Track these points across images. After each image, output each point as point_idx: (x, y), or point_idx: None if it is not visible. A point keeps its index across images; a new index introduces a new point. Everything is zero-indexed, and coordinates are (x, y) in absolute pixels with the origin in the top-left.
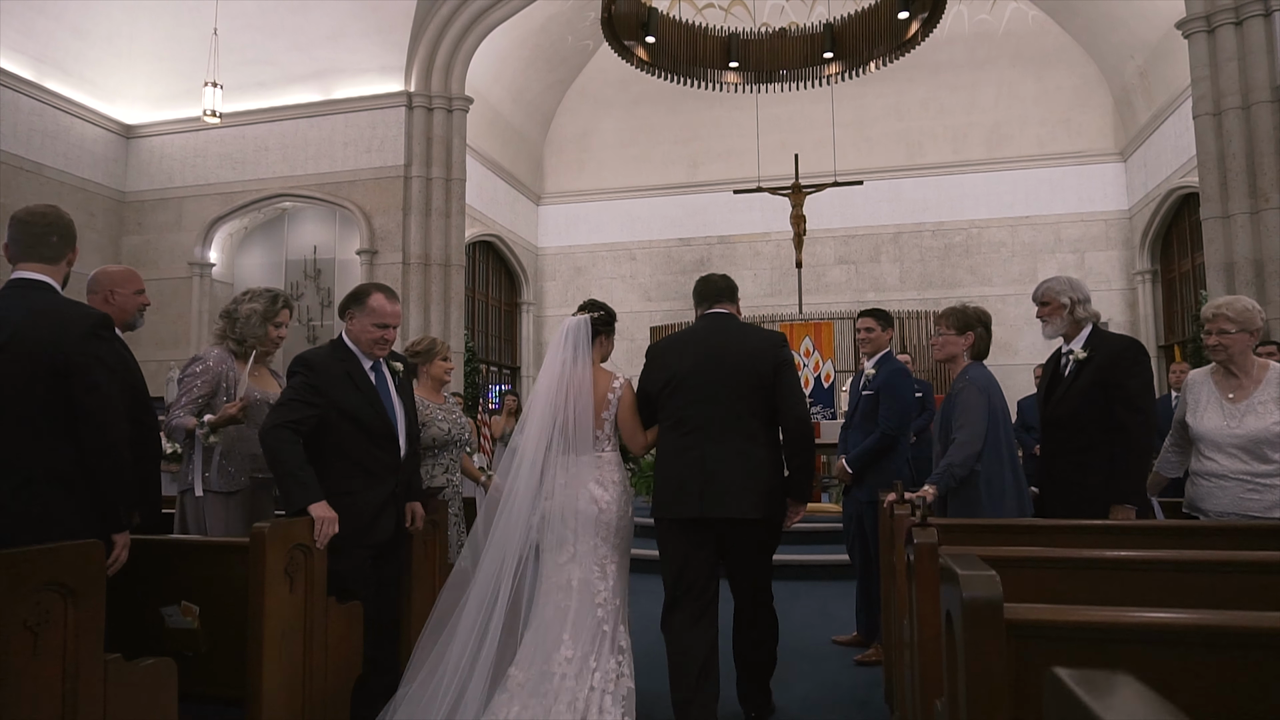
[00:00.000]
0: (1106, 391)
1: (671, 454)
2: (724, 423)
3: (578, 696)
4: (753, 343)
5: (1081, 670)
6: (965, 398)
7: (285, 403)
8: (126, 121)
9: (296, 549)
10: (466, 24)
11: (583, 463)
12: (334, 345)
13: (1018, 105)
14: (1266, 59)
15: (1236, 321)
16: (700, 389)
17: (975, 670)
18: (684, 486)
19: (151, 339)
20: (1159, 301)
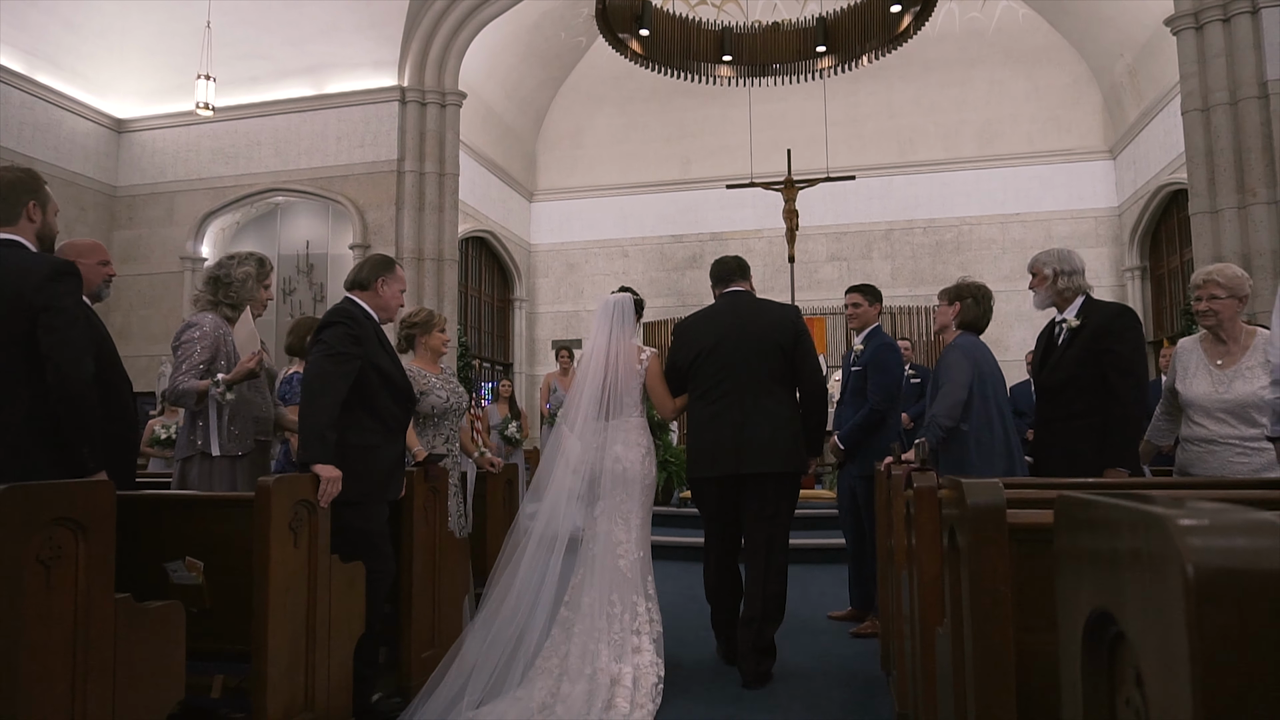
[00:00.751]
0: (1099, 357)
1: (704, 421)
2: (750, 388)
3: (612, 633)
4: (773, 315)
5: None
6: (948, 358)
7: (336, 352)
8: (118, 116)
9: (301, 505)
10: (460, 19)
11: (613, 426)
12: (355, 305)
13: (1008, 103)
14: (1254, 55)
15: (1226, 287)
16: (727, 359)
17: (980, 571)
18: (719, 448)
19: (143, 334)
20: (1148, 297)
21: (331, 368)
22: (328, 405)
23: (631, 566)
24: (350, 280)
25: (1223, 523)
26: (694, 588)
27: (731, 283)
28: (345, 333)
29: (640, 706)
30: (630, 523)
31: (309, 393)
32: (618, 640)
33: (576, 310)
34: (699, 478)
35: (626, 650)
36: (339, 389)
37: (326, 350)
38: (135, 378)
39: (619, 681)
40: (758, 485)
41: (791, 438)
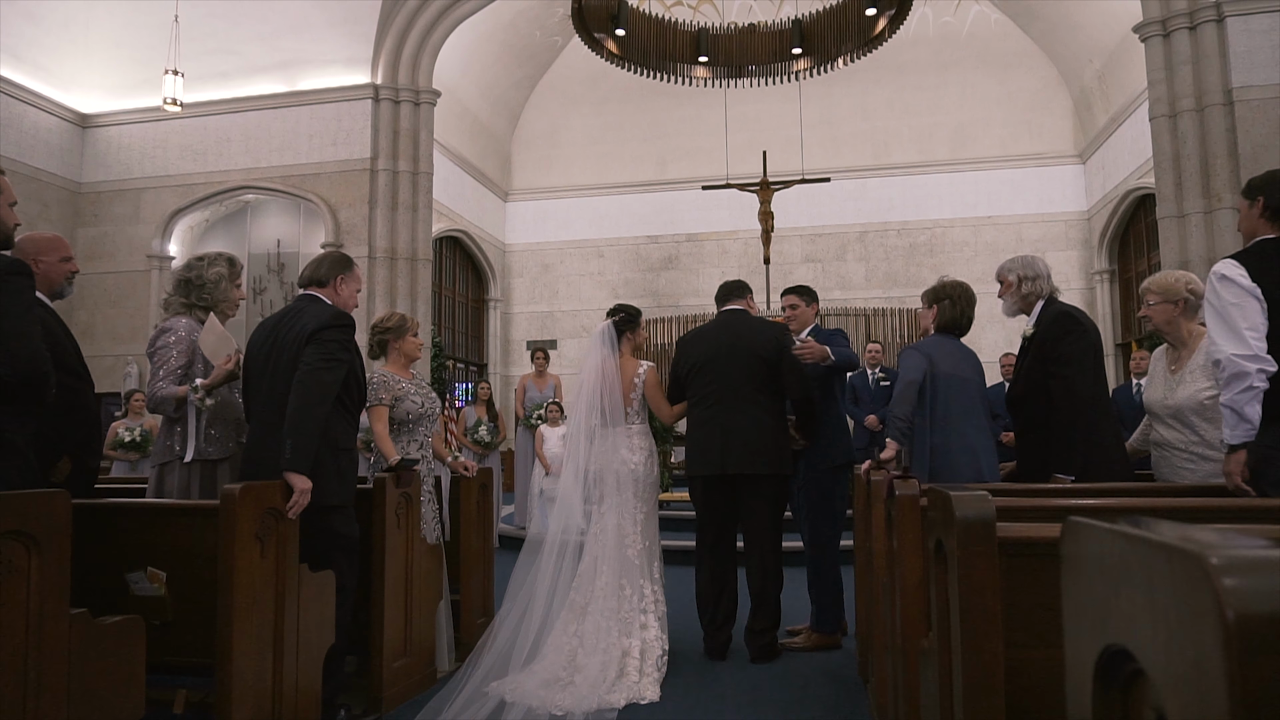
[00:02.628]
0: (1045, 365)
1: (696, 424)
2: (737, 397)
3: (621, 612)
4: (759, 333)
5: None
6: (903, 358)
7: (335, 359)
8: (82, 110)
9: (269, 513)
10: (434, 17)
11: (617, 433)
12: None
13: (981, 107)
14: (1219, 63)
15: (1158, 293)
16: (718, 370)
17: (970, 587)
18: (708, 450)
19: (108, 333)
20: (1116, 301)
21: (331, 377)
22: (323, 415)
23: (639, 554)
24: (308, 277)
25: (1261, 560)
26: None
27: (729, 301)
28: (345, 339)
29: (647, 675)
30: (636, 517)
31: (308, 398)
32: (627, 618)
33: (551, 311)
34: (692, 475)
35: (634, 627)
36: (332, 398)
37: (327, 356)
38: (99, 378)
39: (629, 654)
40: (748, 487)
41: (775, 442)
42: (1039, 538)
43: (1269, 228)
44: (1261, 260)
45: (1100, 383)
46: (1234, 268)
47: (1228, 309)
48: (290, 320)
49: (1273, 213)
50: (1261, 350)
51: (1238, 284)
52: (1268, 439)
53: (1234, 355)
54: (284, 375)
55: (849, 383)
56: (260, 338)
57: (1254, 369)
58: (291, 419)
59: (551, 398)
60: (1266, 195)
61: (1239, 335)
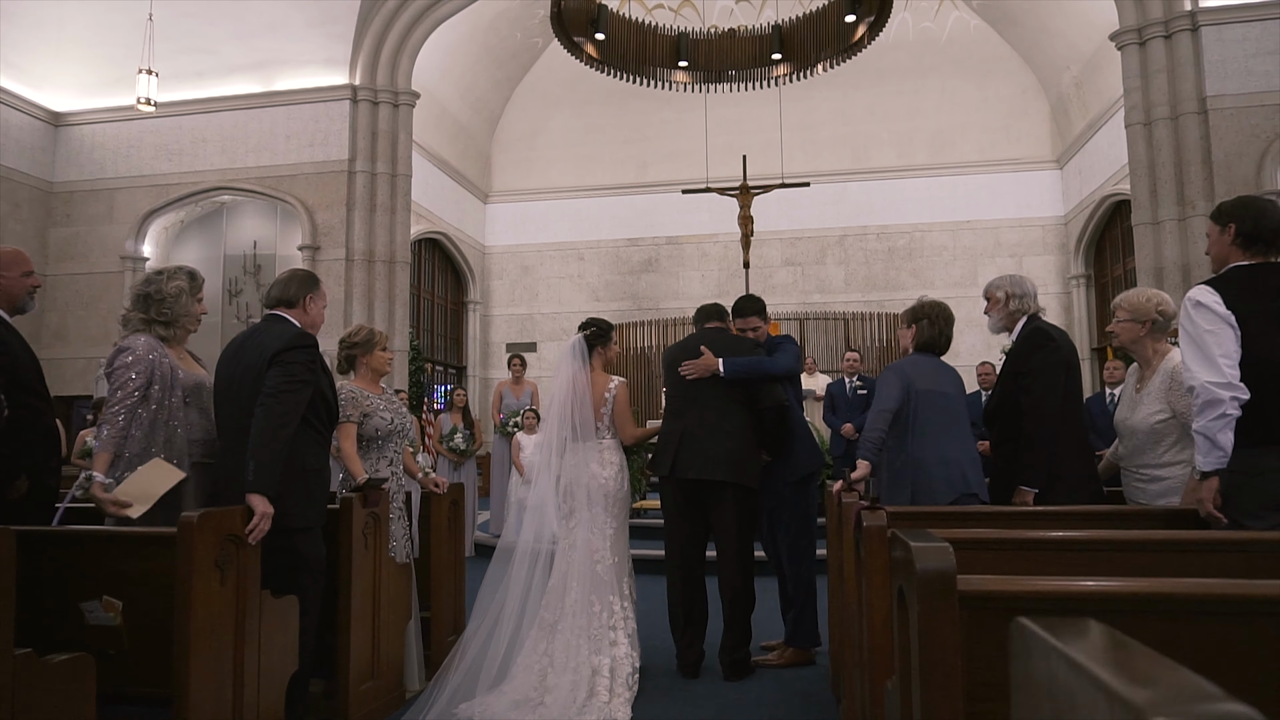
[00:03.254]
0: (1016, 380)
1: (665, 432)
2: (706, 410)
3: (591, 629)
4: (735, 347)
5: (1046, 618)
6: (880, 378)
7: (301, 380)
8: (55, 109)
9: (229, 540)
10: (413, 18)
11: (588, 448)
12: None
13: (959, 112)
14: (1194, 71)
15: (1128, 310)
16: (691, 385)
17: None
18: (675, 455)
19: (81, 336)
20: (1092, 305)
21: (295, 399)
22: (287, 437)
23: (608, 570)
24: (277, 297)
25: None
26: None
27: (709, 321)
28: (309, 361)
29: (617, 695)
30: (605, 532)
31: (274, 421)
32: (597, 635)
33: (531, 313)
34: (661, 478)
35: (604, 644)
36: (298, 419)
37: (292, 377)
38: (72, 380)
39: (599, 672)
40: (714, 500)
41: (738, 452)
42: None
43: (1241, 254)
44: (1236, 287)
45: (1071, 399)
46: (1209, 294)
47: (1202, 335)
48: (254, 341)
49: (1245, 239)
50: (1235, 378)
51: (1213, 310)
52: (1239, 465)
53: (1208, 382)
54: (247, 397)
55: (827, 391)
56: (226, 358)
57: (1227, 396)
58: (254, 441)
59: (528, 405)
60: (1238, 222)
61: (1213, 362)
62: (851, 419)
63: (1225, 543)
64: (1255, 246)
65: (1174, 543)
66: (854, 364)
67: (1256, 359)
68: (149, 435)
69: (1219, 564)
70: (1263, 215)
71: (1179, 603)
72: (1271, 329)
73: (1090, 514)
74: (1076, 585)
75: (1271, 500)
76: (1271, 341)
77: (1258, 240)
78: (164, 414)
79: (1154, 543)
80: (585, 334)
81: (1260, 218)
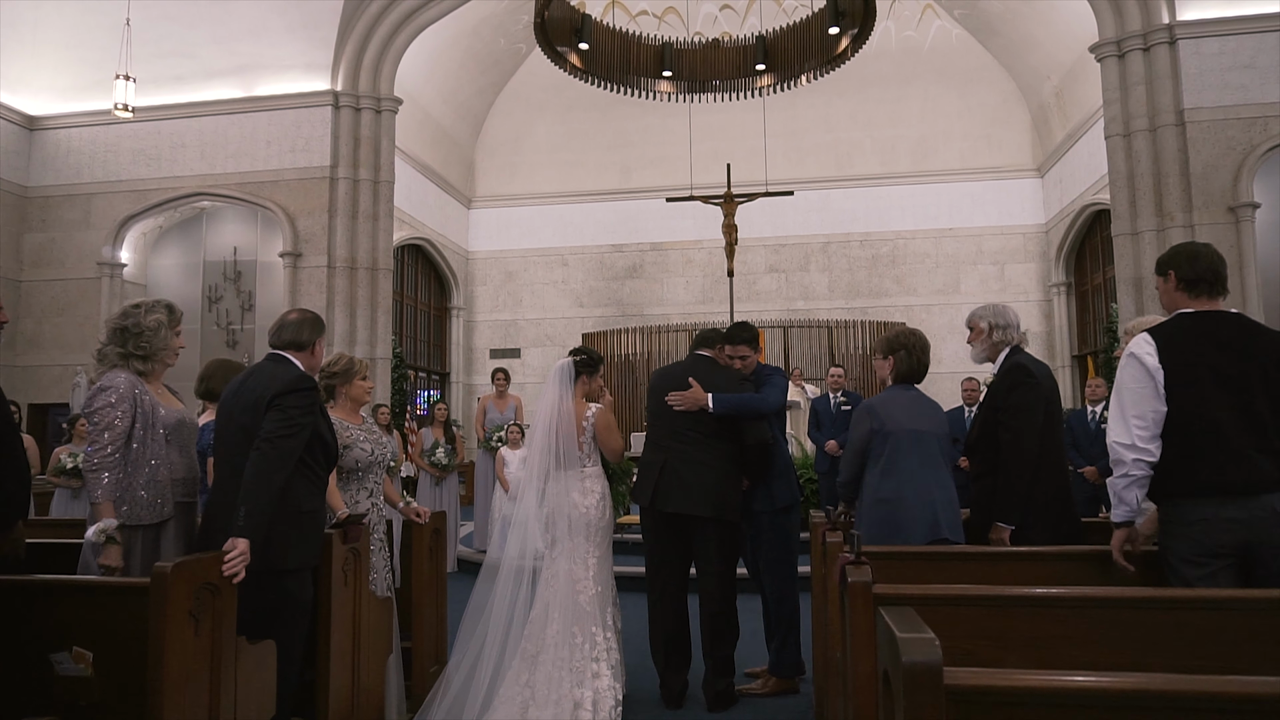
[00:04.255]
0: (994, 415)
1: (644, 462)
2: (689, 442)
3: (574, 661)
4: (723, 377)
5: None
6: (852, 421)
7: (298, 423)
8: (30, 112)
9: (204, 588)
10: (396, 23)
11: (569, 476)
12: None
13: (942, 120)
14: (1171, 84)
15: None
16: (674, 415)
17: None
18: (647, 483)
19: (56, 342)
20: (1073, 313)
21: (291, 444)
22: (280, 481)
23: (590, 601)
24: (288, 340)
25: None
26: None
27: (701, 348)
28: (308, 403)
29: None
30: (588, 562)
31: (267, 467)
32: (579, 668)
33: (515, 319)
34: (642, 508)
35: (587, 676)
36: (293, 464)
37: (289, 421)
38: (48, 388)
39: (581, 705)
40: (696, 532)
41: (720, 487)
42: (991, 686)
43: (1187, 300)
44: (1176, 335)
45: (1051, 435)
46: (1144, 345)
47: (1123, 392)
48: (254, 382)
49: (1187, 284)
50: (1141, 440)
51: (1142, 364)
52: (1172, 515)
53: (1115, 443)
54: (242, 438)
55: (811, 407)
56: (228, 396)
57: (1130, 458)
58: (247, 485)
59: (512, 419)
60: (1176, 269)
61: (1125, 422)
62: (835, 435)
63: (1204, 601)
64: (1198, 289)
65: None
66: (838, 380)
67: (1186, 412)
68: (131, 475)
69: (1199, 624)
70: (1195, 259)
71: (1175, 700)
72: (1204, 382)
73: (1064, 554)
74: (1068, 681)
75: (1204, 549)
76: (1200, 394)
77: (1199, 283)
78: (146, 453)
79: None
80: (575, 359)
81: (1194, 261)
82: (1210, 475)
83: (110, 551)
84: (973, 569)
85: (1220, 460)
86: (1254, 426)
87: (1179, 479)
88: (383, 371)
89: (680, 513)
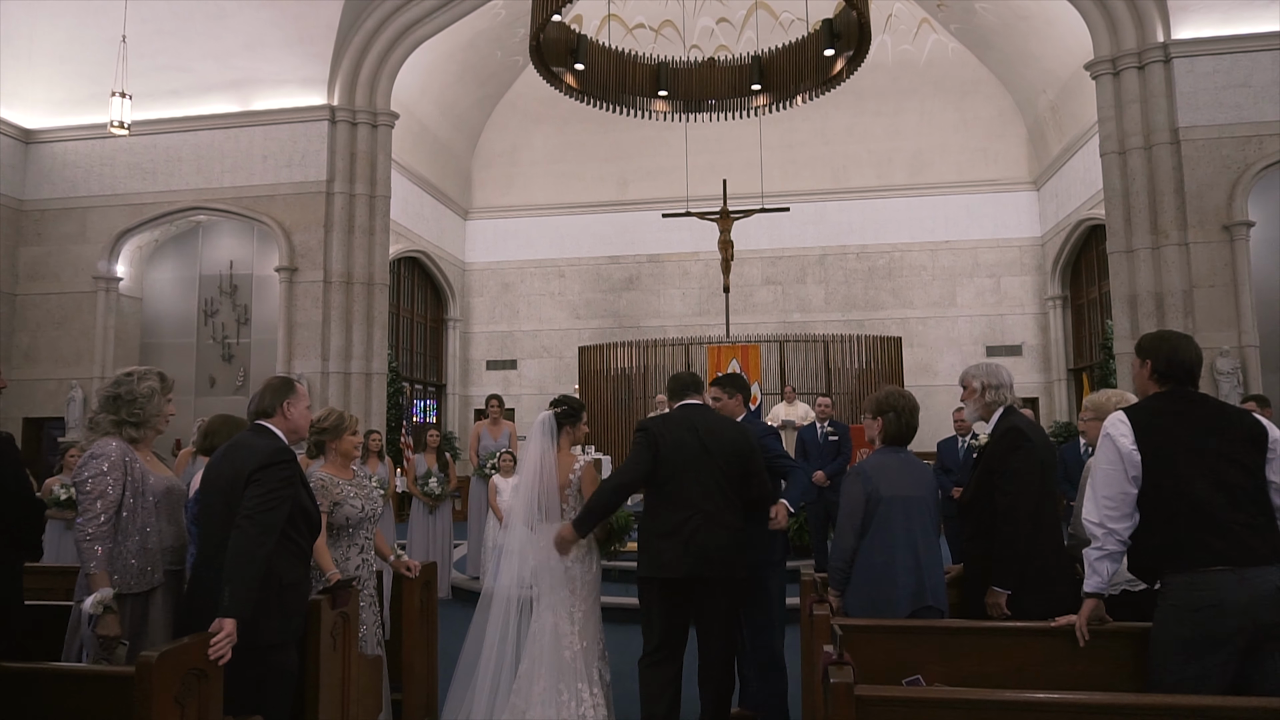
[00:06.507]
0: (990, 478)
1: (666, 527)
2: (712, 500)
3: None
4: (731, 432)
5: None
6: (844, 488)
7: (279, 496)
8: (25, 126)
9: (191, 674)
10: (393, 38)
11: (554, 529)
12: (277, 439)
13: (938, 133)
14: (1166, 103)
15: (1091, 410)
16: (693, 475)
17: None
18: (679, 551)
19: (51, 356)
20: (1069, 326)
21: (272, 518)
22: (263, 557)
23: (576, 657)
24: (256, 410)
25: None
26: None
27: (686, 396)
28: (286, 476)
29: None
30: (574, 616)
31: (249, 541)
32: None
33: (511, 330)
34: (647, 578)
35: None
36: (274, 538)
37: (269, 493)
38: (43, 402)
39: None
40: (705, 594)
41: (741, 546)
42: None
43: (1158, 388)
44: (1150, 417)
45: (1046, 499)
46: (1120, 425)
47: (1098, 471)
48: (235, 454)
49: (1160, 376)
50: (1109, 520)
51: (1116, 446)
52: (1168, 595)
53: (1086, 520)
54: (225, 509)
55: (798, 436)
56: (213, 465)
57: (1101, 534)
58: (230, 564)
59: (506, 445)
60: (1154, 360)
61: (1096, 502)
62: (823, 465)
63: (1229, 710)
64: (1169, 381)
65: (1151, 709)
66: (825, 409)
67: (1170, 490)
68: (121, 543)
69: None
70: (1175, 352)
71: None
72: (1183, 462)
73: (1048, 631)
74: None
75: (1205, 634)
76: (1180, 473)
77: (1171, 377)
78: (136, 520)
79: (1131, 708)
80: (556, 412)
81: (1174, 355)
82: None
83: (107, 621)
84: (960, 643)
85: (1209, 535)
86: (1234, 502)
87: (1172, 556)
88: (378, 386)
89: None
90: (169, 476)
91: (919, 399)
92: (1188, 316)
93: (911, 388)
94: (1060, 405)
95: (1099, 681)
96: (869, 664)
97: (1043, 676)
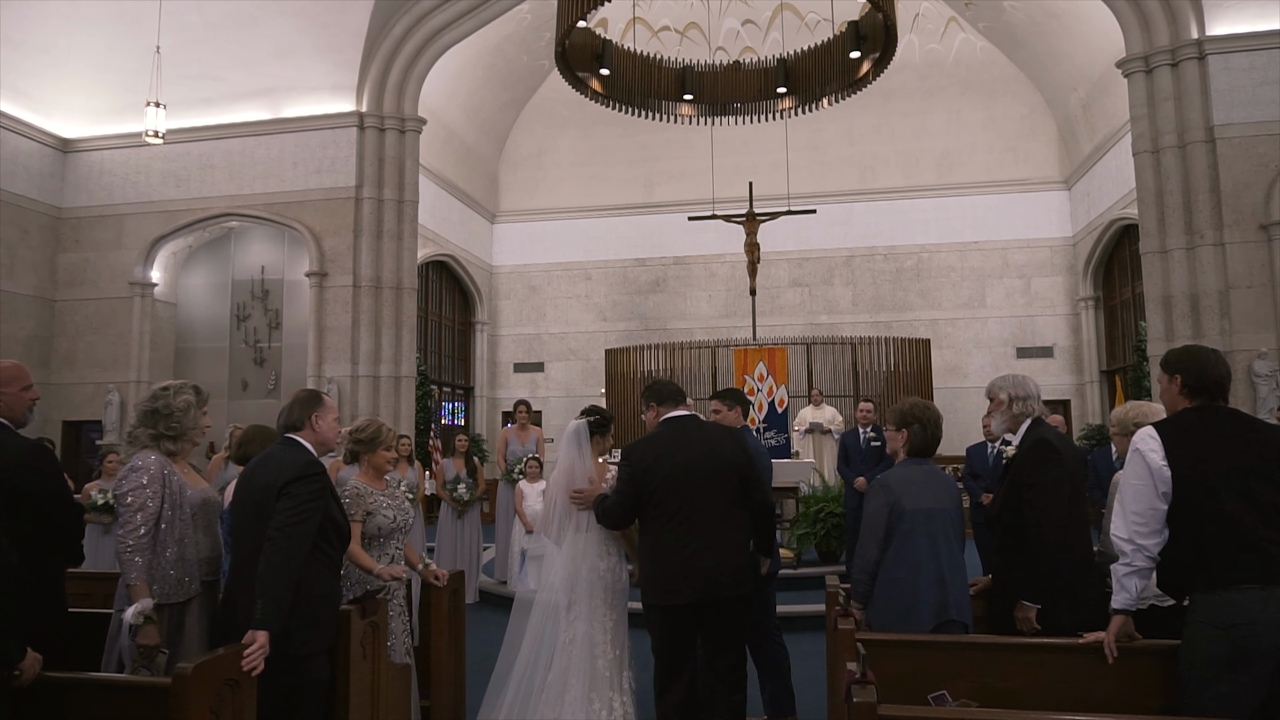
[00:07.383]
0: (1018, 490)
1: (670, 548)
2: (713, 517)
3: None
4: (725, 445)
5: None
6: (867, 500)
7: (309, 509)
8: (64, 135)
9: (225, 685)
10: (420, 45)
11: (589, 538)
12: (307, 451)
13: (966, 132)
14: (1200, 100)
15: (1116, 424)
16: (689, 491)
17: None
18: (685, 575)
19: (89, 360)
20: (1101, 327)
21: (303, 530)
22: (294, 570)
23: (608, 665)
24: (284, 424)
25: None
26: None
27: (675, 407)
28: (316, 489)
29: None
30: (606, 625)
31: (281, 555)
32: None
33: (538, 333)
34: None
35: None
36: (305, 551)
37: (300, 506)
38: (81, 405)
39: None
40: (711, 613)
41: (747, 560)
42: None
43: (1188, 403)
44: (1181, 432)
45: (1075, 510)
46: (1150, 441)
47: (1127, 487)
48: (266, 467)
49: (1190, 391)
50: (1139, 536)
51: (1146, 462)
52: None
53: (1115, 535)
54: (256, 523)
55: (840, 442)
56: (244, 479)
57: (1129, 549)
58: (262, 578)
59: (533, 452)
60: (1184, 375)
61: (1125, 517)
62: (865, 472)
63: None
64: (1200, 397)
65: None
66: (868, 414)
67: (1200, 507)
68: (159, 554)
69: None
70: (1205, 367)
71: None
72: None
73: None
74: None
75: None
76: (1210, 489)
77: (1201, 392)
78: (174, 532)
79: None
80: (589, 420)
81: (1204, 370)
82: (1229, 566)
83: (148, 631)
84: (986, 658)
85: (1239, 552)
86: (1266, 520)
87: (1201, 573)
88: (407, 390)
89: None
90: (205, 488)
91: (947, 401)
92: (1223, 318)
93: (940, 390)
94: (1093, 407)
95: (1127, 700)
96: (892, 678)
97: (1069, 694)
